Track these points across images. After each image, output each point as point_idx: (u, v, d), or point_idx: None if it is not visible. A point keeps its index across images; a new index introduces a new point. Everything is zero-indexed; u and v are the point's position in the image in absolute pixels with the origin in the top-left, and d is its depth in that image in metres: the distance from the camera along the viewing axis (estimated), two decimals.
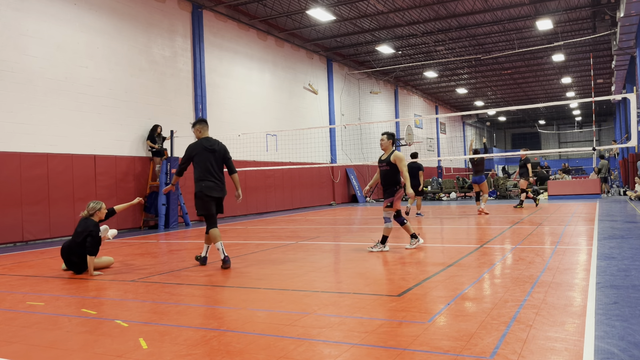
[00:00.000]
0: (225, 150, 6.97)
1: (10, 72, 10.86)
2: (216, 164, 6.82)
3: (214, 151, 6.82)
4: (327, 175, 22.87)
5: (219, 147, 6.87)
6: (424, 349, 3.26)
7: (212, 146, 6.83)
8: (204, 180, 6.75)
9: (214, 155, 6.81)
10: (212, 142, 6.90)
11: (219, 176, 6.84)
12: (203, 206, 6.84)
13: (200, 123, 7.05)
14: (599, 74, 30.99)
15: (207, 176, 6.76)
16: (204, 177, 6.76)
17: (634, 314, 3.87)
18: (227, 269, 6.56)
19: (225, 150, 6.97)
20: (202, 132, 7.01)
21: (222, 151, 6.91)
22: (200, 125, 7.02)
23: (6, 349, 3.63)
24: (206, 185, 6.73)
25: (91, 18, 12.69)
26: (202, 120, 7.09)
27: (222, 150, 6.92)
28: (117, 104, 13.20)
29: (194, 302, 4.88)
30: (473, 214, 14.08)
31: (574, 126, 55.89)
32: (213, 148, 6.82)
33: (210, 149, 6.81)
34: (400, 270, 6.09)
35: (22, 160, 10.94)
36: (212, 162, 6.79)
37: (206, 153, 6.78)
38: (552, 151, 15.57)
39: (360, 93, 26.74)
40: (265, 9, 17.73)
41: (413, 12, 18.93)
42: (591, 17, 20.29)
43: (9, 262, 8.21)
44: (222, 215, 16.56)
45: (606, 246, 7.23)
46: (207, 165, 6.77)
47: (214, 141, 6.93)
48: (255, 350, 3.35)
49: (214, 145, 6.86)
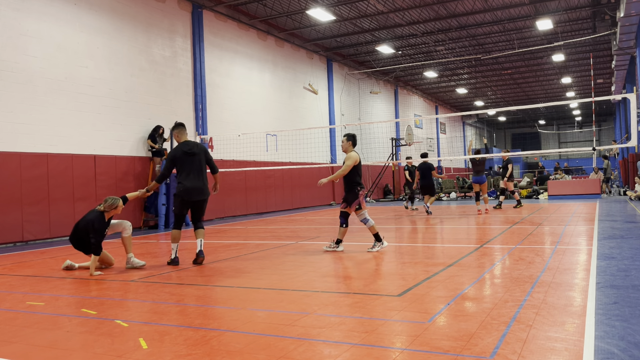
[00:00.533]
0: (206, 152, 7.13)
1: (10, 72, 10.86)
2: (197, 167, 6.98)
3: (194, 154, 6.96)
4: (327, 175, 22.86)
5: (198, 150, 7.03)
6: (424, 349, 3.26)
7: (191, 150, 6.97)
8: (184, 184, 6.92)
9: (193, 158, 6.95)
10: (191, 146, 7.03)
11: (199, 179, 7.00)
12: (177, 206, 7.10)
13: (177, 127, 7.17)
14: (599, 74, 30.98)
15: (188, 180, 6.93)
16: (185, 181, 6.93)
17: (634, 314, 3.87)
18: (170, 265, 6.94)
19: (205, 151, 7.12)
20: (180, 137, 7.14)
21: (202, 153, 7.06)
22: (178, 129, 7.15)
23: (6, 349, 3.63)
24: (185, 189, 6.91)
25: (91, 18, 12.69)
26: (180, 125, 7.19)
27: (202, 152, 7.07)
28: (117, 104, 13.20)
29: (194, 302, 4.88)
30: (473, 214, 14.08)
31: (574, 126, 55.88)
32: (192, 151, 6.97)
33: (190, 152, 6.95)
34: (400, 270, 6.09)
35: (22, 160, 10.94)
36: (193, 166, 6.95)
37: (186, 157, 6.92)
38: (552, 151, 15.57)
39: (360, 93, 26.74)
40: (265, 9, 17.73)
41: (413, 12, 18.93)
42: (591, 17, 20.28)
43: (9, 262, 8.21)
44: (223, 215, 16.72)
45: (606, 246, 7.24)
46: (188, 169, 6.93)
47: (192, 144, 7.07)
48: (255, 350, 3.35)
49: (193, 148, 7.00)
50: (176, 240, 7.05)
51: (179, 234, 7.07)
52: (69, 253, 8.99)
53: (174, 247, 7.04)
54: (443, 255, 7.19)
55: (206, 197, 7.11)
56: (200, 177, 6.99)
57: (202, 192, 7.02)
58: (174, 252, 7.01)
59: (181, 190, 6.94)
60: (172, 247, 7.05)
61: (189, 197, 6.95)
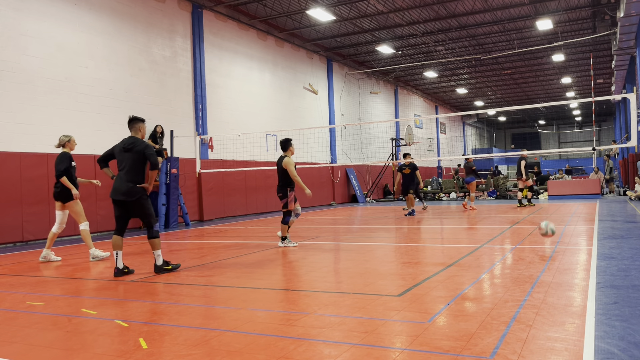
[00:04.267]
0: (144, 148, 6.40)
1: (10, 72, 10.86)
2: (127, 164, 6.37)
3: (128, 151, 6.38)
4: (327, 175, 22.87)
5: (136, 147, 6.39)
6: (424, 349, 3.26)
7: (126, 146, 6.41)
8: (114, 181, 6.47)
9: (126, 155, 6.39)
10: (129, 142, 6.44)
11: (125, 177, 6.34)
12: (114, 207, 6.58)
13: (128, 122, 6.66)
14: (599, 74, 30.99)
15: (117, 177, 6.44)
16: (115, 178, 6.48)
17: (634, 314, 3.87)
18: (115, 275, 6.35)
19: (143, 148, 6.40)
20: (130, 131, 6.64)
21: (139, 150, 6.38)
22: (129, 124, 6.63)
23: (6, 349, 3.63)
24: (113, 187, 6.43)
25: (91, 18, 12.69)
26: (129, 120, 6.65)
27: (141, 148, 6.39)
28: (117, 104, 13.19)
29: (194, 302, 4.88)
30: (473, 214, 14.09)
31: (574, 126, 55.90)
32: (128, 148, 6.40)
33: (125, 148, 6.41)
34: (400, 270, 6.09)
35: (22, 160, 10.94)
36: (123, 164, 6.42)
37: (121, 153, 6.44)
38: (552, 151, 15.62)
39: (360, 93, 26.74)
40: (265, 9, 17.73)
41: (413, 12, 18.93)
42: (591, 17, 20.29)
43: (9, 262, 8.21)
44: (223, 215, 16.71)
45: (606, 246, 7.23)
46: (121, 166, 6.44)
47: (131, 140, 6.45)
48: (255, 350, 3.35)
49: (129, 145, 6.41)
50: (115, 248, 6.41)
51: (117, 240, 6.43)
52: (69, 253, 8.99)
53: (114, 255, 6.41)
54: (443, 255, 7.19)
55: (129, 199, 6.33)
56: (126, 176, 6.34)
57: (121, 193, 6.31)
58: (116, 262, 6.40)
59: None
60: (113, 255, 6.48)
61: (112, 195, 6.42)
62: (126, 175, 6.34)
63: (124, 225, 6.51)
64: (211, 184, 15.97)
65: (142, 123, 6.67)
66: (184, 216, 14.24)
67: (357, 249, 8.01)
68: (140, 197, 6.36)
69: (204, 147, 16.08)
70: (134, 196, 6.32)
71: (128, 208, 6.43)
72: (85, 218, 8.02)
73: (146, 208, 6.44)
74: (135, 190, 6.33)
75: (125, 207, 6.43)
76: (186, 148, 15.29)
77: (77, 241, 11.15)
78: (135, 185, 6.34)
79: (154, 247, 6.44)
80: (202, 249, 8.88)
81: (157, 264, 6.46)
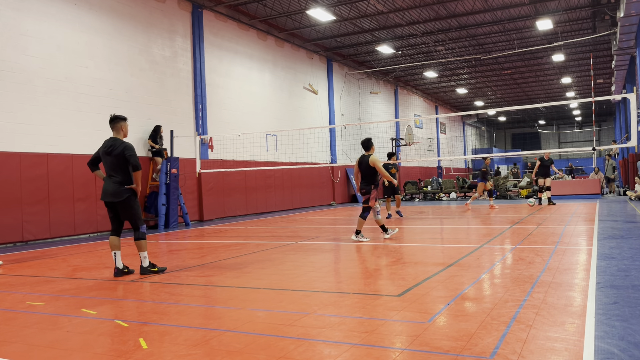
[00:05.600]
0: (124, 150, 6.35)
1: (10, 72, 10.86)
2: (110, 166, 6.38)
3: (109, 154, 6.37)
4: (327, 175, 22.87)
5: (115, 150, 6.35)
6: (424, 349, 3.26)
7: (107, 149, 6.39)
8: (104, 183, 6.47)
9: (108, 158, 6.39)
10: (108, 145, 6.42)
11: (112, 179, 6.35)
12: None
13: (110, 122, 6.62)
14: (599, 74, 30.99)
15: (105, 180, 6.44)
16: (104, 180, 6.48)
17: (634, 314, 3.87)
18: (115, 275, 6.38)
19: (123, 150, 6.34)
20: (112, 131, 6.62)
21: (119, 152, 6.33)
22: (110, 124, 6.61)
23: (6, 349, 3.63)
24: (102, 189, 6.45)
25: (91, 18, 12.69)
26: (110, 119, 6.61)
27: (119, 150, 6.34)
28: (117, 104, 13.19)
29: (194, 302, 4.88)
30: (473, 214, 14.10)
31: (574, 126, 55.90)
32: (108, 151, 6.38)
33: (106, 151, 6.41)
34: (400, 270, 6.09)
35: (22, 160, 10.94)
36: (107, 166, 6.43)
37: (104, 156, 6.44)
38: (552, 151, 15.56)
39: (360, 93, 26.73)
40: (265, 9, 17.73)
41: (413, 12, 18.93)
42: (591, 17, 20.28)
43: (9, 262, 8.21)
44: (223, 215, 16.71)
45: (606, 246, 7.23)
46: (107, 168, 6.44)
47: (110, 143, 6.42)
48: (255, 350, 3.35)
49: (109, 148, 6.38)
50: (113, 248, 6.45)
51: (114, 240, 6.45)
52: (69, 253, 9.00)
53: (113, 255, 6.45)
54: (443, 255, 7.19)
55: (116, 200, 6.32)
56: (113, 177, 6.35)
57: (110, 194, 6.31)
58: (115, 262, 6.44)
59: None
60: (112, 255, 6.50)
61: (102, 197, 6.45)
62: (113, 177, 6.37)
63: (120, 225, 6.54)
64: (211, 184, 15.97)
65: (124, 122, 6.62)
66: (184, 216, 14.24)
67: (357, 249, 8.01)
68: (127, 197, 6.35)
69: (204, 147, 16.08)
70: (121, 197, 6.32)
71: (114, 210, 6.46)
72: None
73: (133, 209, 6.43)
74: (122, 191, 6.33)
75: (113, 209, 6.46)
76: (186, 148, 15.29)
77: (77, 241, 11.16)
78: (122, 186, 6.34)
79: (140, 248, 6.46)
80: (202, 249, 8.89)
81: (143, 265, 6.48)
